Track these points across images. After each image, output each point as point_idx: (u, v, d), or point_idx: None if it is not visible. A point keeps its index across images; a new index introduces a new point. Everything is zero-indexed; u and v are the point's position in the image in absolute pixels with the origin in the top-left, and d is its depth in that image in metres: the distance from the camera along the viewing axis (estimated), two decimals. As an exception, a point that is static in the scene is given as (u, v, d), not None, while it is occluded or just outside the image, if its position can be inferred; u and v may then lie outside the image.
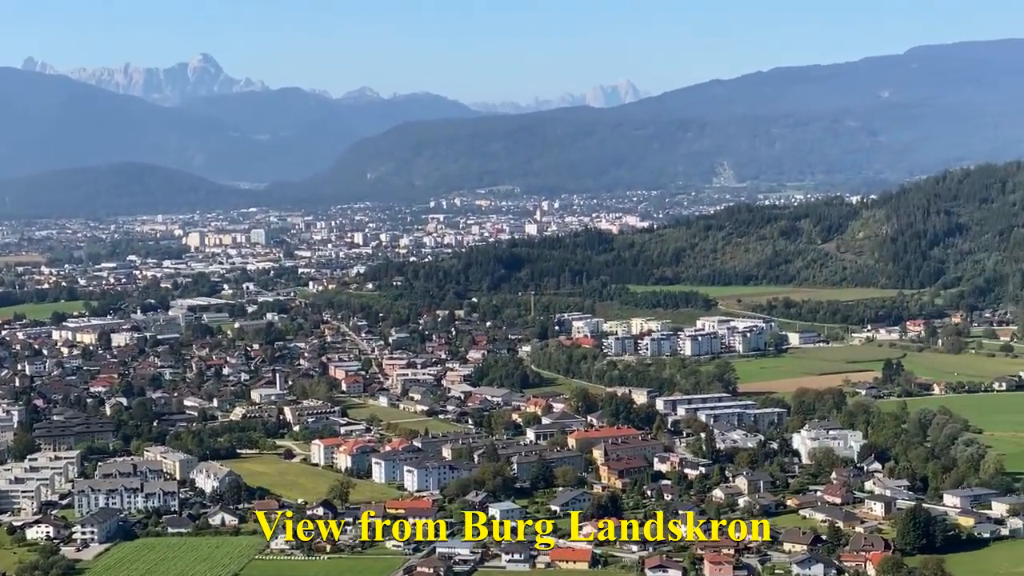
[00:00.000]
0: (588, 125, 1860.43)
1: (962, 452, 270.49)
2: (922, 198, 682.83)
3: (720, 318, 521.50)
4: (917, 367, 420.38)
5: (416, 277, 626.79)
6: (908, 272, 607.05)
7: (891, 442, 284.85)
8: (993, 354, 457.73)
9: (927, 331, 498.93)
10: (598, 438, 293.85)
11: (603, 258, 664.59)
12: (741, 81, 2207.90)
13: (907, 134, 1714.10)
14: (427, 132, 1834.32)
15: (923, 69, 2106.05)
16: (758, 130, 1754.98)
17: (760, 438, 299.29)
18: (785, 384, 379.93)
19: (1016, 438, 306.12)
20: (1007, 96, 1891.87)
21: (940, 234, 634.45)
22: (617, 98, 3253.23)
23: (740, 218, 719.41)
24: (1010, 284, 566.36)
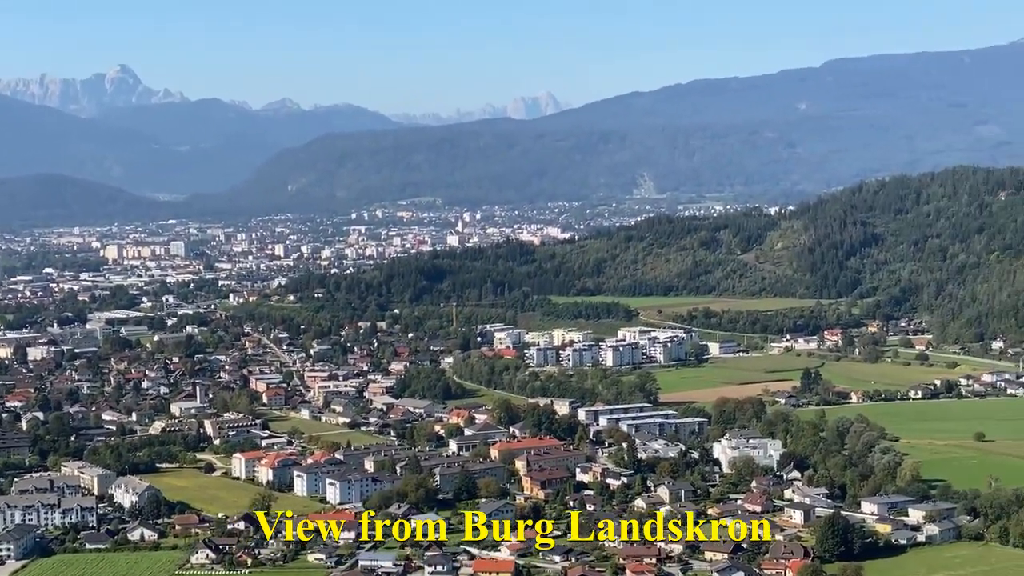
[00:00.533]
0: (510, 137, 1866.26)
1: (879, 460, 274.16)
2: (839, 209, 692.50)
3: (641, 328, 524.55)
4: (835, 376, 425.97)
5: (338, 289, 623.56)
6: (826, 282, 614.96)
7: (810, 450, 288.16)
8: (909, 363, 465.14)
9: (844, 340, 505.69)
10: (520, 449, 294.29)
11: (525, 269, 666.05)
12: (661, 93, 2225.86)
13: (824, 146, 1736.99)
14: (348, 144, 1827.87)
15: (839, 82, 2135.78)
16: (678, 142, 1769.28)
17: (681, 448, 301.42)
18: (706, 394, 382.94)
19: (932, 445, 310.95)
20: (921, 109, 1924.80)
21: (857, 245, 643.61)
22: (538, 110, 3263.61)
23: (660, 229, 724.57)
24: (925, 294, 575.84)
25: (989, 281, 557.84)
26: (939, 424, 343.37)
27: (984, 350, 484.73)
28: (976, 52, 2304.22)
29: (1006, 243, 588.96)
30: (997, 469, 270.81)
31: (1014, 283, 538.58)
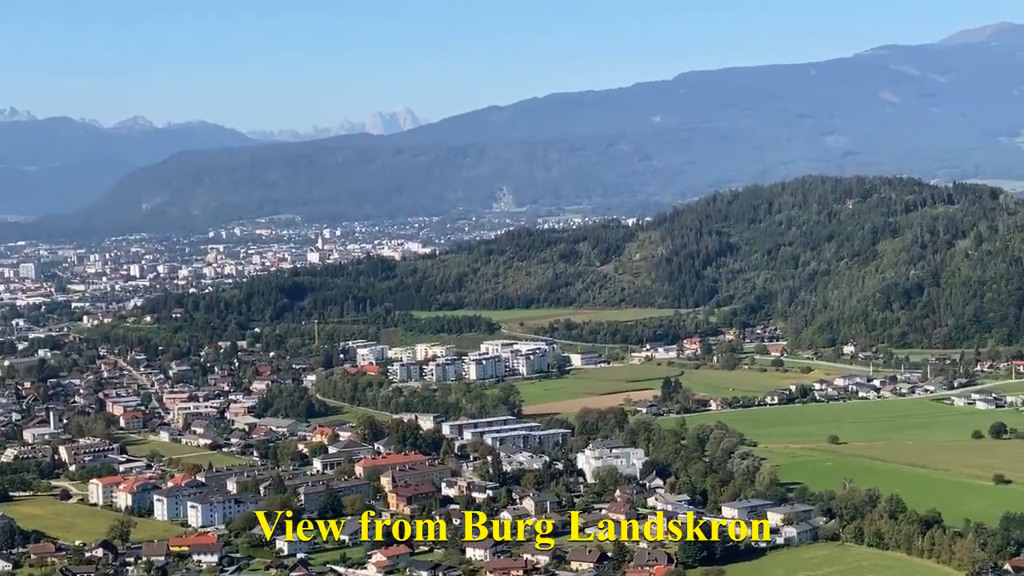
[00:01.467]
0: (368, 152, 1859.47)
1: (738, 465, 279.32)
2: (694, 220, 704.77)
3: (504, 342, 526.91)
4: (694, 384, 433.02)
5: (196, 309, 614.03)
6: (683, 291, 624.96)
7: (672, 458, 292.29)
8: (765, 369, 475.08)
9: (703, 348, 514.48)
10: (386, 465, 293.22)
11: (386, 285, 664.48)
12: (518, 107, 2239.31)
13: (679, 157, 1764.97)
14: (204, 161, 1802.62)
15: (691, 94, 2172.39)
16: (536, 155, 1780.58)
17: (546, 459, 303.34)
18: (569, 405, 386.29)
19: (788, 449, 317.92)
20: (771, 120, 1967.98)
21: (712, 254, 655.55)
22: (396, 125, 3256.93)
23: (521, 242, 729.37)
24: (779, 301, 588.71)
25: (839, 287, 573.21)
26: (795, 428, 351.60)
27: (836, 355, 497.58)
28: (821, 64, 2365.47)
29: (854, 250, 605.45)
30: (851, 470, 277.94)
31: (863, 289, 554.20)
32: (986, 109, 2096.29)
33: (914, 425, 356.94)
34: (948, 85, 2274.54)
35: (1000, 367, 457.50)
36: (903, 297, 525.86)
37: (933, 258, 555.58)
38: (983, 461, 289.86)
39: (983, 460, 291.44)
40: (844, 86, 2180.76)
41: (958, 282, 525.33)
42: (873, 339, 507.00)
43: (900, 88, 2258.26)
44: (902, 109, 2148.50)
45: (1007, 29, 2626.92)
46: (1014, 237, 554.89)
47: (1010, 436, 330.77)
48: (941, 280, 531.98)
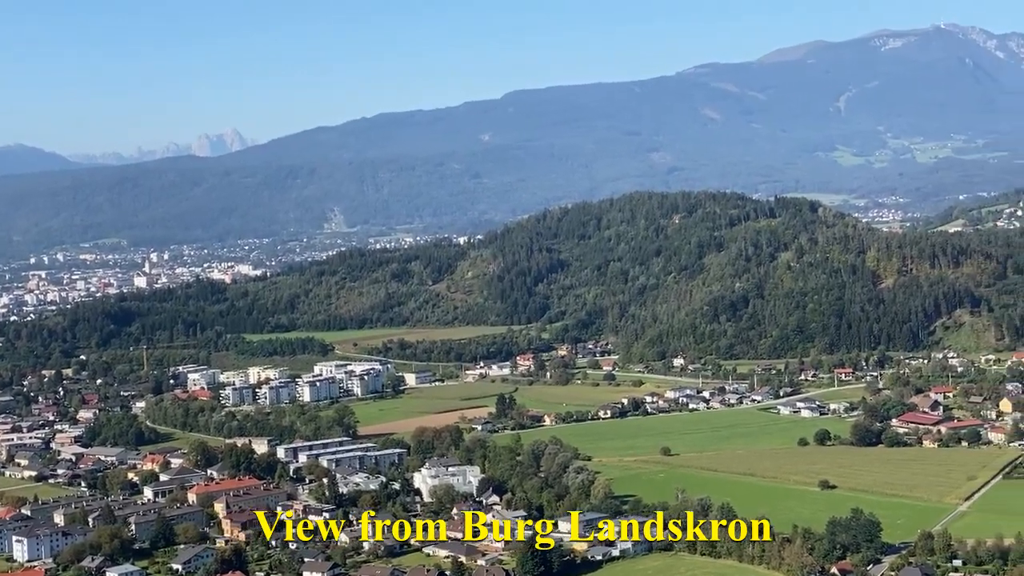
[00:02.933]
0: (195, 174, 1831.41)
1: (573, 479, 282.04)
2: (525, 237, 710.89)
3: (337, 363, 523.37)
4: (529, 400, 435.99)
5: (18, 337, 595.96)
6: (516, 308, 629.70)
7: (508, 474, 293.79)
8: (598, 383, 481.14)
9: (536, 365, 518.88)
10: (219, 491, 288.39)
11: (217, 308, 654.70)
12: (347, 127, 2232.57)
13: (509, 176, 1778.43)
14: (23, 185, 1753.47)
15: (520, 113, 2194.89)
16: (366, 175, 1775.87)
17: (382, 479, 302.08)
18: (404, 424, 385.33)
19: (622, 463, 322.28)
20: (598, 137, 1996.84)
21: (544, 271, 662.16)
22: (224, 147, 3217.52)
23: (353, 263, 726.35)
24: (609, 316, 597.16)
25: (668, 301, 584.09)
26: (628, 441, 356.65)
27: (667, 367, 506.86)
28: (646, 82, 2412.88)
29: (682, 264, 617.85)
30: (683, 481, 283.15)
31: (691, 302, 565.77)
32: (804, 125, 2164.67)
33: (743, 434, 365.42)
34: (767, 102, 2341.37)
35: (823, 376, 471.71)
36: (729, 309, 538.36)
37: (757, 271, 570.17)
38: (808, 468, 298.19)
39: (808, 467, 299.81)
40: (668, 103, 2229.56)
41: (781, 294, 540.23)
42: (702, 351, 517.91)
43: (721, 105, 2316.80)
44: (724, 125, 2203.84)
45: (821, 48, 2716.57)
46: (833, 249, 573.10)
47: (833, 443, 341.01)
48: (765, 292, 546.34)
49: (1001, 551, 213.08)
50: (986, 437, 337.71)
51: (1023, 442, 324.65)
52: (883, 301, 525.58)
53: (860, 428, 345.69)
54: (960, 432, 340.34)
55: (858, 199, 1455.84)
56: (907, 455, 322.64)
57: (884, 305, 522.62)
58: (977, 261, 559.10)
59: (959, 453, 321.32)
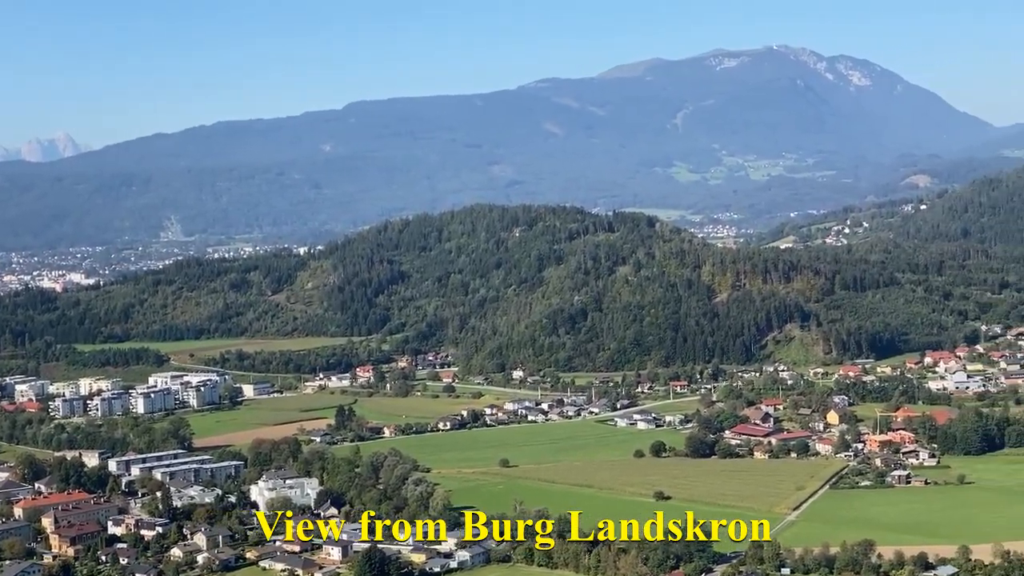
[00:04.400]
0: (25, 180, 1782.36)
1: (412, 491, 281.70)
2: (366, 248, 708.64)
3: (173, 374, 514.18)
4: (368, 412, 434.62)
5: None
6: (356, 320, 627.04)
7: (346, 486, 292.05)
8: (437, 395, 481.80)
9: (376, 376, 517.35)
10: (47, 505, 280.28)
11: (47, 317, 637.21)
12: (186, 135, 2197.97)
13: (350, 186, 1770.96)
14: None
15: (361, 124, 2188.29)
16: (204, 184, 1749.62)
17: (218, 492, 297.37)
18: (242, 436, 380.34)
19: (461, 474, 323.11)
20: (439, 149, 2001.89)
21: (384, 282, 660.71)
22: (56, 152, 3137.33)
23: (190, 272, 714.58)
24: (450, 328, 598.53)
25: (508, 314, 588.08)
26: (468, 453, 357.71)
27: (506, 379, 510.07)
28: (487, 96, 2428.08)
29: (522, 277, 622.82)
30: (521, 493, 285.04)
31: (530, 315, 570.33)
32: (642, 141, 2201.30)
33: (580, 446, 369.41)
34: (607, 118, 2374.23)
35: (659, 388, 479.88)
36: (568, 322, 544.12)
37: (596, 284, 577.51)
38: (644, 479, 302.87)
39: (644, 478, 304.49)
40: (509, 117, 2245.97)
41: (619, 307, 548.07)
42: (541, 363, 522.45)
43: (562, 120, 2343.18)
44: (564, 140, 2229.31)
45: (659, 65, 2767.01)
46: (670, 263, 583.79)
47: (669, 454, 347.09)
48: (604, 305, 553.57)
49: (827, 559, 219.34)
50: (814, 448, 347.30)
51: (849, 453, 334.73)
52: (717, 315, 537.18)
53: (694, 440, 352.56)
54: (790, 443, 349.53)
55: (694, 215, 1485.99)
56: (739, 466, 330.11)
57: (718, 319, 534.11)
58: (807, 277, 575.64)
59: (789, 464, 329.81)
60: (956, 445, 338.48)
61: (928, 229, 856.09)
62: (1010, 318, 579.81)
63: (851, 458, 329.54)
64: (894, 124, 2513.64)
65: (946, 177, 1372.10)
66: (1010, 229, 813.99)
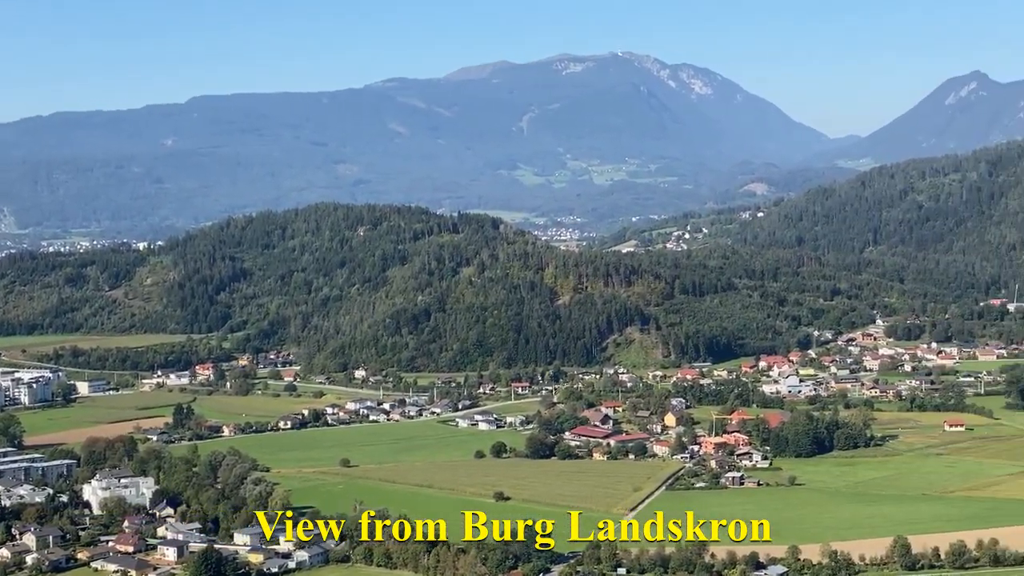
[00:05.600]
0: None
1: (251, 491, 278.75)
2: (208, 245, 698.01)
3: (4, 370, 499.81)
4: (207, 410, 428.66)
5: None
6: (196, 317, 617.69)
7: (183, 486, 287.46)
8: (279, 394, 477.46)
9: (216, 374, 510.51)
10: None
11: None
12: (20, 125, 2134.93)
13: (192, 182, 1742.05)
14: None
15: (204, 119, 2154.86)
16: (40, 176, 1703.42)
17: (49, 491, 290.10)
18: (75, 434, 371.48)
19: (302, 474, 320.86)
20: (284, 147, 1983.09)
21: (226, 279, 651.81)
22: None
23: (23, 266, 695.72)
24: (292, 326, 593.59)
25: (351, 313, 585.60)
26: (308, 453, 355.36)
27: (348, 379, 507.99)
28: (334, 94, 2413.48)
29: (366, 276, 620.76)
30: (362, 493, 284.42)
31: (374, 314, 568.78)
32: (488, 143, 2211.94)
33: (422, 447, 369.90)
34: (453, 119, 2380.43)
35: (501, 389, 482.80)
36: (412, 322, 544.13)
37: (440, 285, 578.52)
38: (484, 479, 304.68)
39: (484, 478, 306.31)
40: (356, 116, 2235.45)
41: (462, 308, 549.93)
42: (383, 363, 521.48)
43: (408, 120, 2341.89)
44: (410, 140, 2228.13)
45: (506, 68, 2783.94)
46: (513, 265, 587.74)
47: (509, 455, 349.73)
48: (447, 306, 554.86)
49: (662, 559, 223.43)
50: (651, 450, 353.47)
51: (685, 455, 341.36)
52: (559, 317, 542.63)
53: (535, 441, 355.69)
54: (628, 445, 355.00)
55: (538, 217, 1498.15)
56: (578, 467, 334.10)
57: (560, 321, 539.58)
58: (647, 281, 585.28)
59: (627, 465, 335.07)
60: (788, 447, 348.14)
61: (765, 236, 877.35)
62: (841, 324, 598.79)
63: (687, 460, 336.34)
64: (733, 132, 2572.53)
65: (782, 185, 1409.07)
66: (842, 238, 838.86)
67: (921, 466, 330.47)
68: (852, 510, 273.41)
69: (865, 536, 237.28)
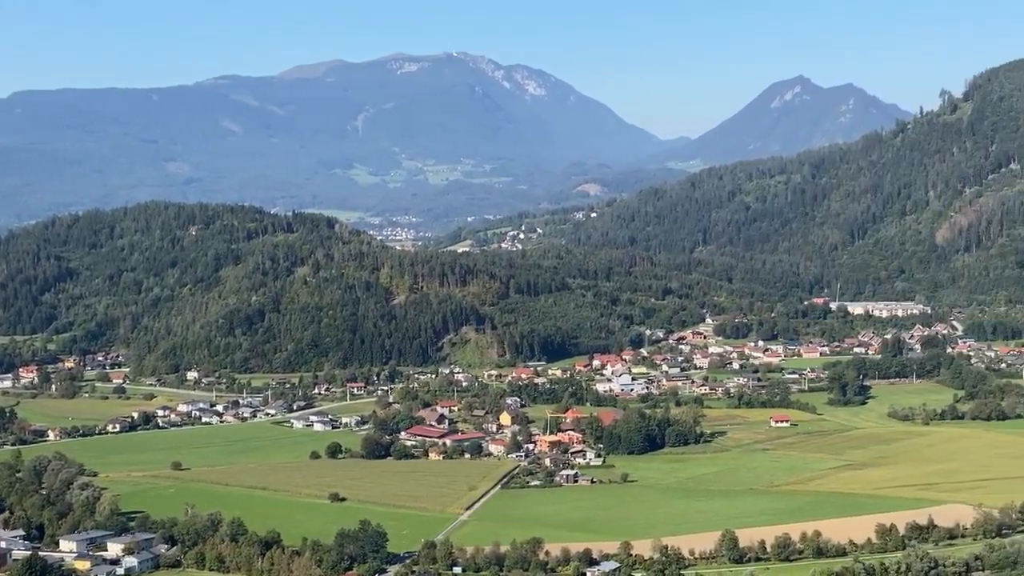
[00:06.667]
0: None
1: (78, 496, 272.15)
2: (32, 244, 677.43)
3: None
4: (31, 414, 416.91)
5: None
6: (20, 318, 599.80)
7: (6, 492, 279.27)
8: (107, 397, 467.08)
9: (40, 377, 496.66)
10: None
11: None
12: None
13: (15, 179, 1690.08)
14: None
15: (28, 114, 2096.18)
16: None
17: None
18: None
19: (131, 478, 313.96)
20: (112, 144, 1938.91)
21: (52, 279, 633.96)
22: None
23: None
24: (121, 327, 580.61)
25: (183, 313, 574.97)
26: (138, 456, 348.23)
27: (180, 381, 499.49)
28: (164, 91, 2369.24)
29: (198, 276, 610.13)
30: (194, 496, 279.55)
31: (206, 315, 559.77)
32: (323, 142, 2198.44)
33: (256, 448, 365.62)
34: (287, 117, 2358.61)
35: (336, 390, 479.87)
36: (245, 323, 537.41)
37: (274, 284, 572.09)
38: (319, 480, 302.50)
39: (319, 479, 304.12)
40: (187, 113, 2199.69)
41: (297, 308, 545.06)
42: (217, 364, 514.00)
43: (241, 118, 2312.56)
44: (243, 138, 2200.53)
45: (341, 67, 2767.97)
46: (348, 265, 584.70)
47: (345, 456, 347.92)
48: (282, 306, 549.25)
49: (498, 557, 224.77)
50: (487, 449, 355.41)
51: (520, 453, 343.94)
52: (395, 317, 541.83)
53: (370, 441, 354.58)
54: (463, 444, 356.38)
55: (373, 217, 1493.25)
56: (414, 467, 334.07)
57: (396, 321, 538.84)
58: (483, 281, 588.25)
59: (462, 464, 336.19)
60: (620, 445, 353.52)
61: (598, 236, 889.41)
62: (672, 323, 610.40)
63: (522, 458, 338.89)
64: (567, 133, 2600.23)
65: (615, 186, 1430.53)
66: (673, 238, 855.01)
67: (748, 461, 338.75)
68: (682, 505, 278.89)
69: (695, 530, 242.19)
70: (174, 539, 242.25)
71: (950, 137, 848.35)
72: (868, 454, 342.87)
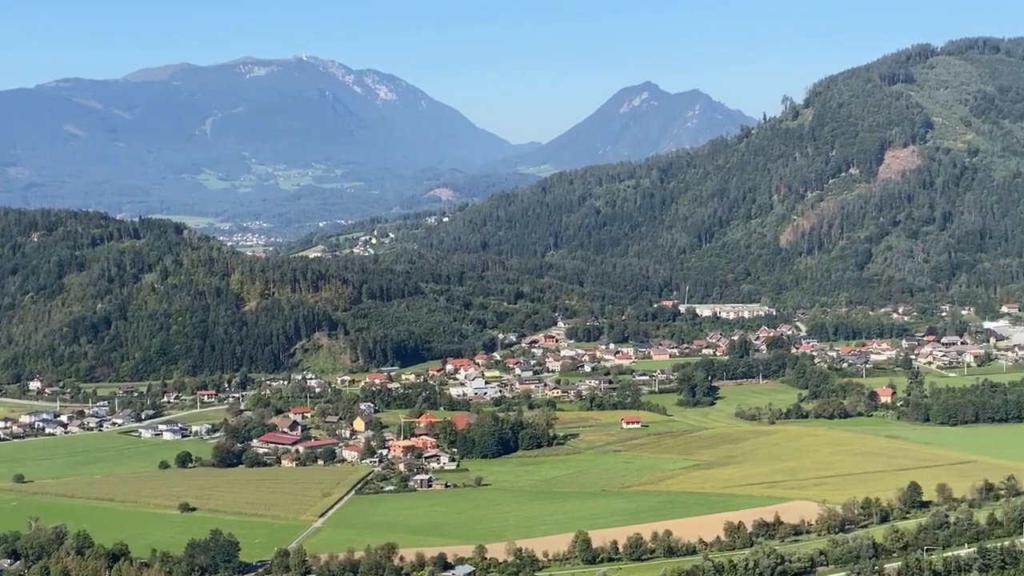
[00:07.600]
0: None
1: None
2: None
3: None
4: None
5: None
6: None
7: None
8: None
9: None
10: None
11: None
12: None
13: None
14: None
15: None
16: None
17: None
18: None
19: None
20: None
21: None
22: None
23: None
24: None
25: (25, 322, 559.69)
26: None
27: (23, 391, 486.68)
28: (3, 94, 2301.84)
29: (40, 284, 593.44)
30: (38, 509, 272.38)
31: (49, 323, 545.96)
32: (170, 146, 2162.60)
33: (102, 459, 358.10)
34: (133, 121, 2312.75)
35: (186, 398, 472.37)
36: (91, 331, 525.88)
37: (120, 292, 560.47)
38: (169, 490, 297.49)
39: (169, 489, 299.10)
40: (27, 117, 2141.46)
41: (145, 315, 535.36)
42: (61, 374, 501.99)
43: (84, 122, 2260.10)
44: (87, 143, 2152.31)
45: (187, 70, 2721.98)
46: (198, 271, 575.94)
47: (195, 464, 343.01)
48: (128, 313, 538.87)
49: (352, 564, 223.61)
50: (341, 455, 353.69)
51: (375, 459, 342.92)
52: (246, 323, 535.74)
53: (221, 449, 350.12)
54: (317, 451, 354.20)
55: (223, 222, 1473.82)
56: (267, 475, 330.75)
57: (247, 327, 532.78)
58: (335, 286, 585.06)
59: (316, 471, 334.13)
60: (474, 449, 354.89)
61: (450, 241, 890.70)
62: (524, 327, 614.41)
63: (376, 464, 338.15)
64: (419, 138, 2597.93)
65: (467, 191, 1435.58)
66: (525, 242, 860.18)
67: (601, 463, 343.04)
68: (536, 508, 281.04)
69: (549, 532, 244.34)
70: (17, 553, 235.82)
71: (792, 142, 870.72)
72: (717, 454, 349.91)
